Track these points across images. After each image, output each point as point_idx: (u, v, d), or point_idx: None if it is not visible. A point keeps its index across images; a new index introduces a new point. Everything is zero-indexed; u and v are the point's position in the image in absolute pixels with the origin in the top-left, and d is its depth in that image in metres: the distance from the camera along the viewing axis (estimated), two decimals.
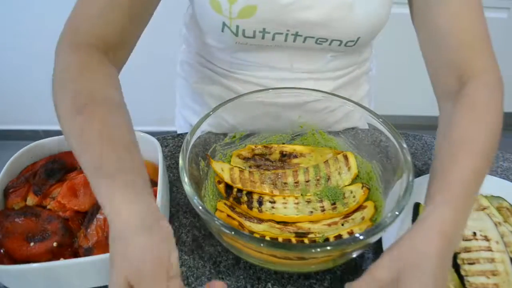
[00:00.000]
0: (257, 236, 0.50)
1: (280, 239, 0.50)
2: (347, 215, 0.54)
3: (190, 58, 0.74)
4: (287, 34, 0.58)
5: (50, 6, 1.47)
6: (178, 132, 0.90)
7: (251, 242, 0.41)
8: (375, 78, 0.79)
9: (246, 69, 0.66)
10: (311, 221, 0.54)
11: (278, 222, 0.53)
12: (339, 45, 0.60)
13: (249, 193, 0.57)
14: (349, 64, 0.68)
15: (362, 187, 0.56)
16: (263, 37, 0.58)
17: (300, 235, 0.52)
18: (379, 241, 0.52)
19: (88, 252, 0.49)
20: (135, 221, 0.37)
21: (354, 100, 0.60)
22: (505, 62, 2.19)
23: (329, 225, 0.53)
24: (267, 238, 0.50)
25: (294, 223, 0.53)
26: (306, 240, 0.50)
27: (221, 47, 0.65)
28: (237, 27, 0.56)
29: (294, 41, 0.59)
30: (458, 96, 0.50)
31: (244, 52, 0.64)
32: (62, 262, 0.46)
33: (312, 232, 0.52)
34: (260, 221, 0.53)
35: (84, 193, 0.54)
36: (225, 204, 0.54)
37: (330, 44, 0.60)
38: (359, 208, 0.54)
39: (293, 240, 0.50)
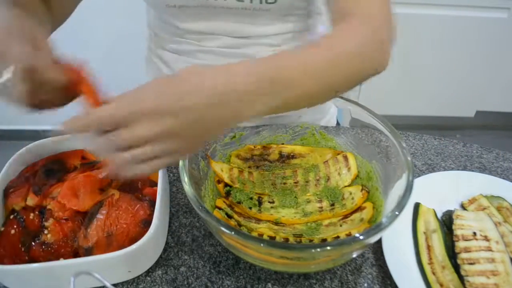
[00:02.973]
0: (256, 235, 0.51)
1: (277, 238, 0.50)
2: (345, 216, 0.54)
3: (153, 47, 0.78)
4: None
5: None
6: None
7: (251, 242, 0.40)
8: None
9: (192, 39, 0.69)
10: (309, 222, 0.54)
11: (276, 223, 0.53)
12: (261, 2, 0.61)
13: (249, 193, 0.57)
14: (285, 31, 0.69)
15: (362, 189, 0.56)
16: None
17: (298, 235, 0.52)
18: (379, 241, 0.52)
19: (88, 252, 0.49)
20: None
21: None
22: (505, 62, 2.19)
23: (327, 225, 0.53)
24: (265, 237, 0.50)
25: (292, 224, 0.53)
26: (303, 241, 0.50)
27: (158, 14, 0.68)
28: None
29: None
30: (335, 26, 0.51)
31: (180, 20, 0.66)
32: (62, 262, 0.47)
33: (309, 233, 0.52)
34: (259, 221, 0.53)
35: (84, 193, 0.53)
36: (224, 202, 0.55)
37: (251, 1, 0.61)
38: (358, 209, 0.54)
39: (291, 240, 0.50)
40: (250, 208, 0.55)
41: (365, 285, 0.51)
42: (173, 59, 0.74)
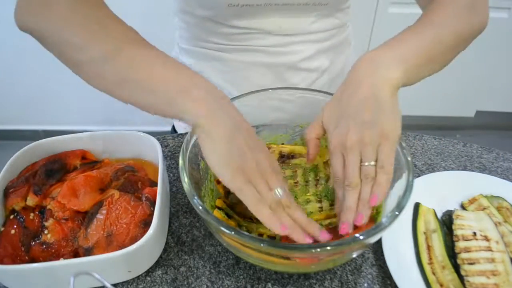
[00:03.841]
0: (256, 235, 0.51)
1: (277, 238, 0.50)
2: None
3: (185, 43, 0.78)
4: None
5: None
6: (178, 129, 0.90)
7: (251, 242, 0.40)
8: (353, 53, 0.85)
9: (240, 39, 0.70)
10: None
11: None
12: None
13: None
14: (330, 27, 0.73)
15: None
16: None
17: None
18: (379, 241, 0.52)
19: (88, 252, 0.49)
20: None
21: (336, 67, 0.70)
22: (505, 61, 2.18)
23: (327, 226, 0.53)
24: (265, 237, 0.50)
25: None
26: None
27: (214, 14, 0.67)
28: None
29: None
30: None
31: (236, 18, 0.67)
32: (62, 262, 0.46)
33: None
34: (259, 221, 0.53)
35: (84, 193, 0.54)
36: (224, 202, 0.54)
37: None
38: None
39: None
40: None
41: (365, 285, 0.51)
42: (213, 56, 0.74)
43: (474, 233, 0.52)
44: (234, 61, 0.73)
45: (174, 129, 0.94)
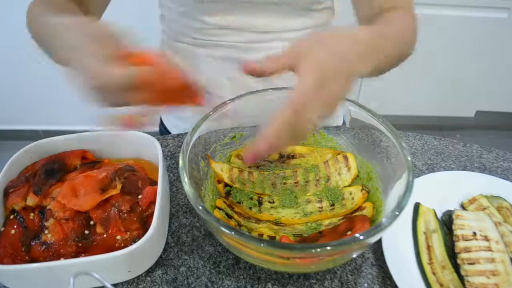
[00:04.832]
0: (256, 235, 0.51)
1: (277, 238, 0.50)
2: (346, 216, 0.54)
3: (166, 38, 0.79)
4: None
5: None
6: (171, 130, 0.90)
7: (251, 242, 0.40)
8: None
9: (212, 34, 0.71)
10: (309, 222, 0.54)
11: (276, 223, 0.53)
12: None
13: (249, 193, 0.57)
14: (302, 26, 0.73)
15: (362, 190, 0.56)
16: None
17: (298, 235, 0.52)
18: (379, 241, 0.52)
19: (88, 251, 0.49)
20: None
21: None
22: (505, 62, 2.18)
23: (327, 226, 0.53)
24: (265, 237, 0.50)
25: (292, 224, 0.53)
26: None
27: (185, 10, 0.69)
28: None
29: None
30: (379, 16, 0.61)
31: (206, 14, 0.69)
32: (62, 262, 0.47)
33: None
34: (259, 221, 0.53)
35: (84, 193, 0.53)
36: (224, 202, 0.55)
37: None
38: (358, 209, 0.54)
39: (292, 240, 0.50)
40: (250, 208, 0.55)
41: (365, 285, 0.51)
42: (190, 51, 0.75)
43: (474, 233, 0.52)
44: (209, 57, 0.74)
45: (164, 129, 0.93)
